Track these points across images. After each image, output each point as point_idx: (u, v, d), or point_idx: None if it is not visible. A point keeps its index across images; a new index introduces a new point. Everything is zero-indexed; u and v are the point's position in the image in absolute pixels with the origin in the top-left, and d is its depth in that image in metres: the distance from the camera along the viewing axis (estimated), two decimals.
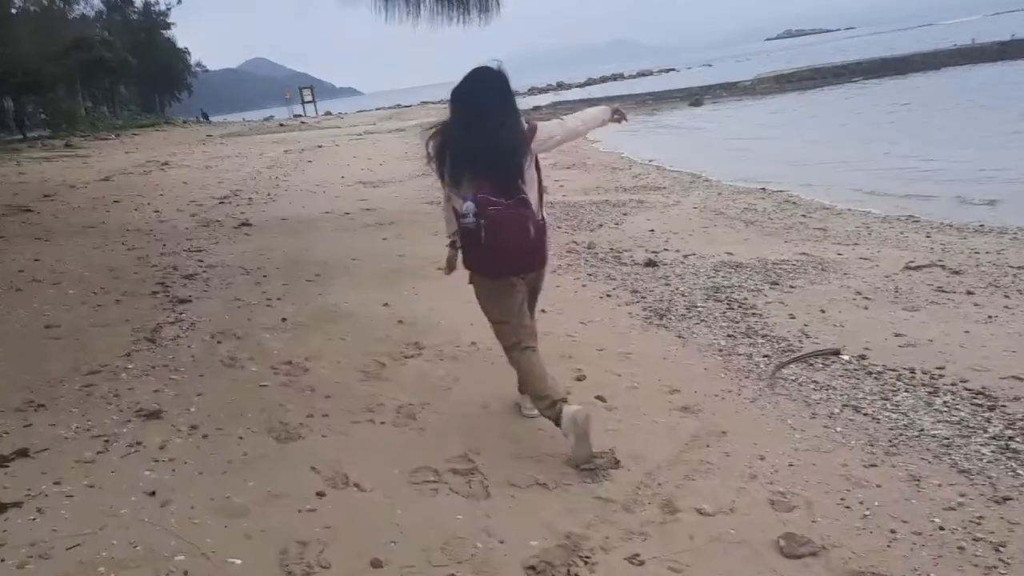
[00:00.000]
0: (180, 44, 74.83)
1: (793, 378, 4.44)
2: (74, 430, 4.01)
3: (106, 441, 3.86)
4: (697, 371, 4.63)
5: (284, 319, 5.96)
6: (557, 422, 3.48)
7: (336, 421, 4.07)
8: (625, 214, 10.38)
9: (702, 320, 5.58)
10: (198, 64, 79.12)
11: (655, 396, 4.27)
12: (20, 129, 40.79)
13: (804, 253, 7.50)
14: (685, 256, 7.68)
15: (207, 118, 66.90)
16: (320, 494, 3.29)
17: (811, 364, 4.64)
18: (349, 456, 3.64)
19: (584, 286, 6.74)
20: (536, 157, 3.64)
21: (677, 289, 6.44)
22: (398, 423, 4.03)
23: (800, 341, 5.04)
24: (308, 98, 61.98)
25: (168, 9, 69.94)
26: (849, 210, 10.05)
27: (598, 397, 4.25)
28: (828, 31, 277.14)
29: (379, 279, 7.23)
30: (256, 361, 5.04)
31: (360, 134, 30.53)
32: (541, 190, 3.71)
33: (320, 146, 25.12)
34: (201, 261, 8.31)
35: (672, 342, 5.17)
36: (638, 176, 14.63)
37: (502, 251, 3.45)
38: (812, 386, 4.31)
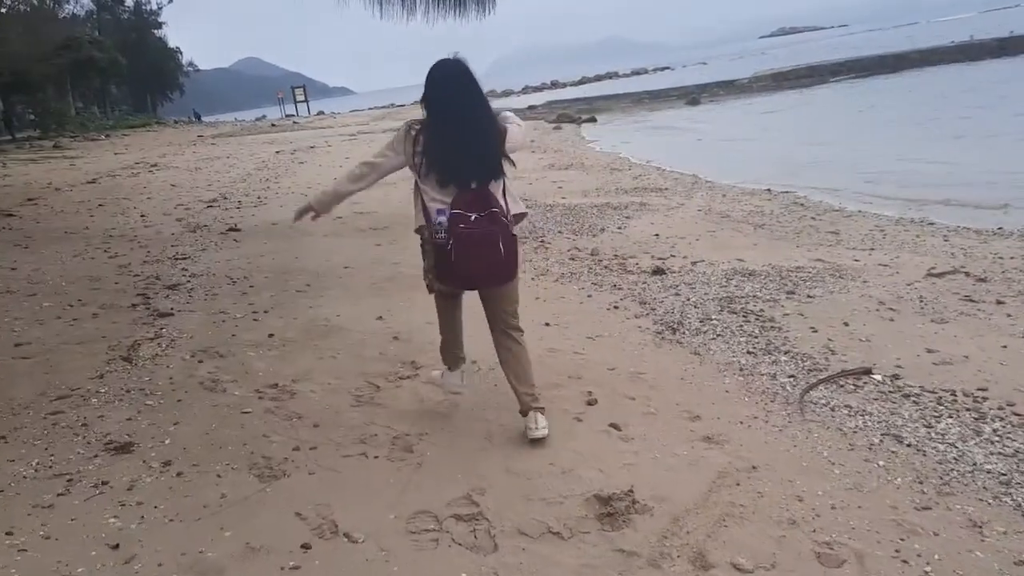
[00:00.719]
0: (172, 44, 74.64)
1: (824, 402, 4.07)
2: (35, 467, 3.62)
3: (69, 481, 3.48)
4: (717, 394, 4.26)
5: (271, 335, 5.58)
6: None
7: (325, 455, 3.69)
8: (628, 218, 10.02)
9: (718, 335, 5.21)
10: (190, 64, 78.72)
11: (674, 423, 3.90)
12: (9, 130, 40.29)
13: (819, 259, 7.14)
14: (694, 263, 7.32)
15: (199, 118, 66.47)
16: (305, 547, 2.91)
17: (841, 385, 4.28)
18: (339, 498, 3.26)
19: (590, 296, 6.37)
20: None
21: (688, 300, 6.07)
22: (393, 457, 3.66)
23: (826, 358, 4.67)
24: (300, 98, 61.57)
25: (159, 8, 69.54)
26: (860, 212, 9.70)
27: (612, 425, 3.88)
28: (822, 28, 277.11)
29: (373, 289, 6.85)
30: (239, 383, 4.66)
31: (353, 134, 30.13)
32: (509, 185, 3.67)
33: (312, 147, 24.73)
34: (185, 270, 7.92)
35: (688, 360, 4.80)
36: (638, 177, 14.26)
37: (471, 268, 3.51)
38: (846, 411, 3.94)
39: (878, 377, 4.33)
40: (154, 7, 69.80)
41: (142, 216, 11.82)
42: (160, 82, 72.30)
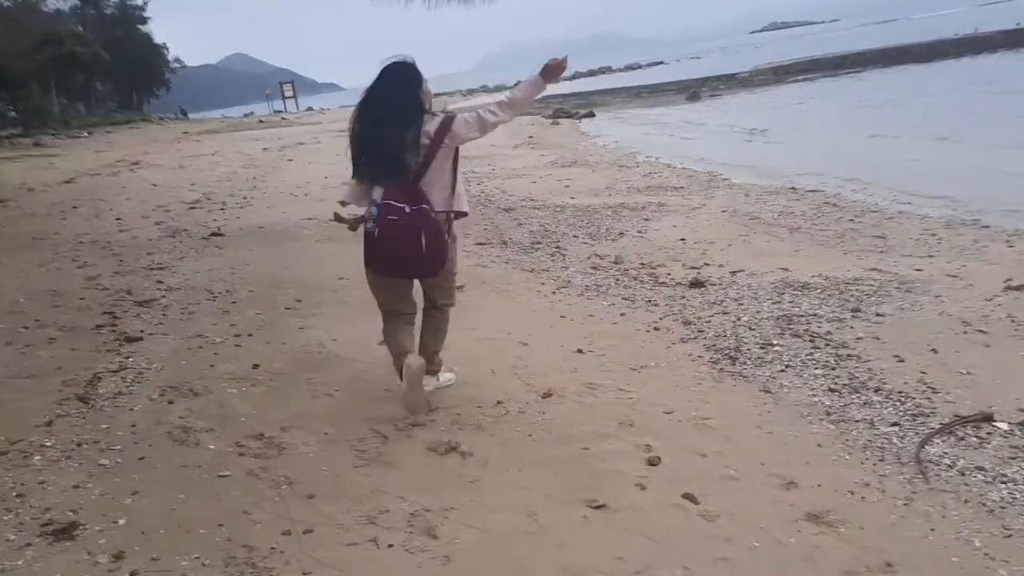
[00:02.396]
0: (158, 39, 73.24)
1: (947, 461, 3.26)
2: None
3: None
4: (808, 448, 3.45)
5: (256, 365, 4.73)
6: (400, 374, 3.84)
7: (324, 541, 2.86)
8: (647, 220, 9.20)
9: (787, 365, 4.40)
10: (176, 60, 77.40)
11: (765, 493, 3.08)
12: None
13: (875, 268, 6.35)
14: (733, 273, 6.51)
15: (185, 115, 65.37)
16: None
17: (960, 437, 3.47)
18: None
19: (623, 315, 5.54)
20: (456, 150, 3.77)
21: (739, 319, 5.26)
22: (412, 545, 2.83)
23: (928, 399, 3.87)
24: (289, 93, 60.49)
25: (145, 3, 68.24)
26: (901, 213, 8.90)
27: (687, 496, 3.06)
28: (813, 23, 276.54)
29: (372, 306, 5.99)
30: (216, 433, 3.82)
31: (343, 129, 29.09)
32: (455, 182, 3.79)
33: (301, 143, 23.81)
34: (161, 282, 7.06)
35: (758, 400, 3.99)
36: (649, 175, 13.44)
37: (393, 259, 3.74)
38: (979, 476, 3.13)
39: (1003, 426, 3.53)
40: (139, 2, 68.49)
41: (118, 219, 10.92)
42: (146, 78, 70.96)
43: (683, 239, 8.01)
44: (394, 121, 3.62)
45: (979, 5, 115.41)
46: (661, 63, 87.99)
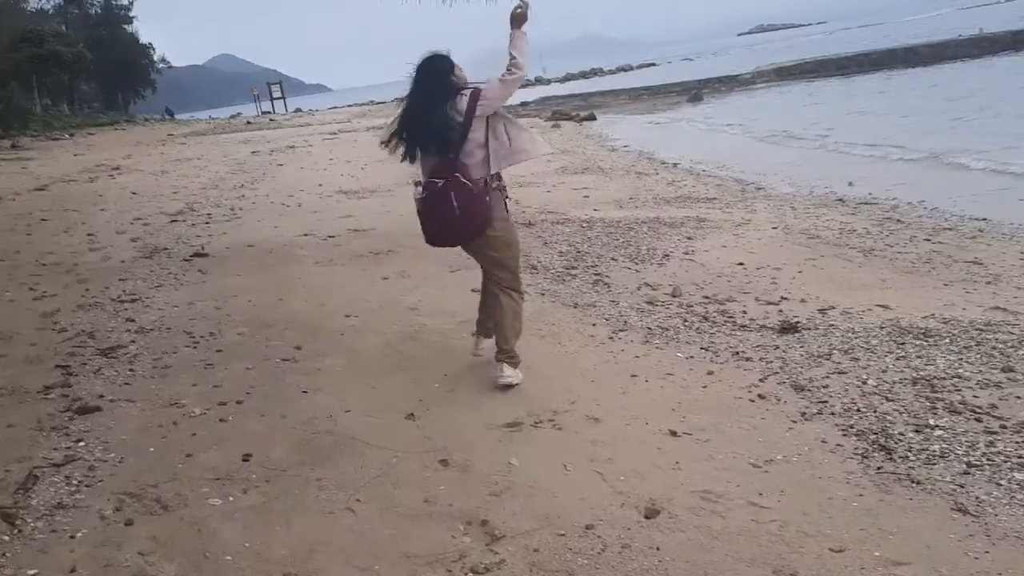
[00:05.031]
0: (144, 39, 71.88)
1: None
2: None
3: None
4: None
5: (247, 456, 3.57)
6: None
7: None
8: (690, 238, 8.06)
9: (969, 464, 3.25)
10: (162, 60, 75.87)
11: None
12: None
13: (998, 308, 5.23)
14: (822, 311, 5.38)
15: (172, 116, 64.01)
16: None
17: None
18: None
19: (710, 374, 4.39)
20: (494, 113, 4.08)
21: (864, 382, 4.13)
22: None
23: None
24: (277, 94, 59.28)
25: (130, 3, 66.80)
26: (981, 232, 7.79)
27: None
28: (800, 26, 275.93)
29: (390, 357, 4.85)
30: None
31: (335, 132, 27.95)
32: (491, 145, 4.07)
33: (292, 146, 22.60)
34: (132, 321, 5.89)
35: (957, 525, 2.84)
36: (673, 183, 12.31)
37: (435, 228, 4.12)
38: None
39: None
40: (125, 2, 66.96)
41: (90, 235, 9.72)
42: (131, 79, 69.45)
43: (741, 263, 6.88)
44: (430, 101, 4.02)
45: (961, 8, 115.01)
46: (653, 64, 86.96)
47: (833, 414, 3.79)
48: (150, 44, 72.97)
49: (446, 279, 6.76)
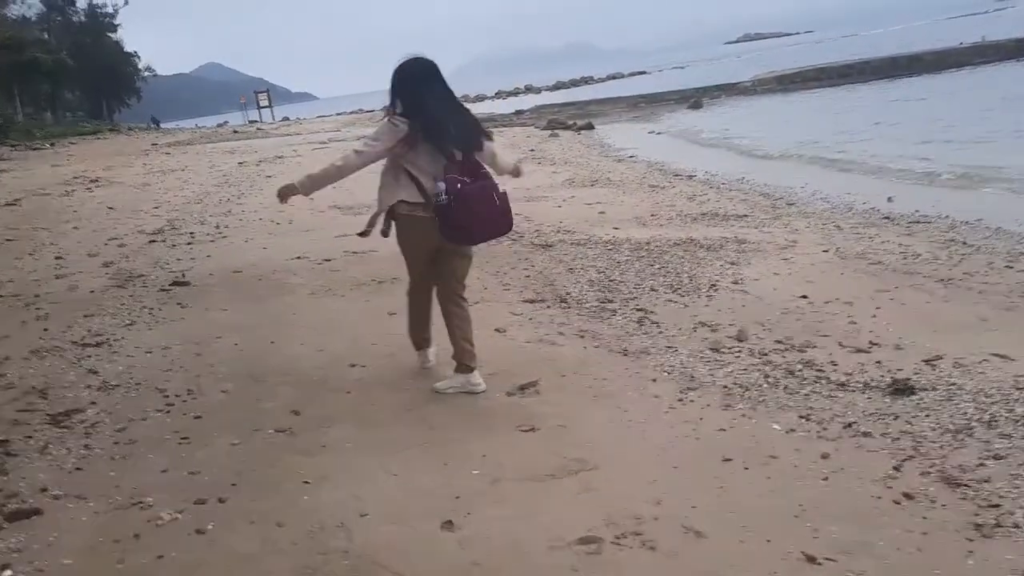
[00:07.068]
0: (129, 48, 70.99)
1: None
2: None
3: None
4: None
5: None
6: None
7: None
8: (734, 264, 7.12)
9: None
10: (148, 68, 74.77)
11: None
12: None
13: None
14: (929, 363, 4.45)
15: (157, 124, 63.00)
16: None
17: None
18: None
19: (826, 458, 3.41)
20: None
21: None
22: None
23: None
24: (264, 103, 58.29)
25: (115, 11, 65.74)
26: None
27: None
28: (788, 35, 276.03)
29: (413, 431, 3.88)
30: None
31: (324, 142, 26.96)
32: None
33: (280, 157, 21.65)
34: (94, 373, 4.91)
35: None
36: (694, 198, 11.38)
37: (477, 221, 4.00)
38: None
39: None
40: (109, 10, 65.85)
41: (58, 259, 8.74)
42: (116, 87, 68.46)
43: (805, 296, 5.96)
44: (457, 100, 4.20)
45: (944, 19, 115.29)
46: (644, 72, 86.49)
47: (1013, 524, 2.85)
48: (135, 52, 72.11)
49: None
